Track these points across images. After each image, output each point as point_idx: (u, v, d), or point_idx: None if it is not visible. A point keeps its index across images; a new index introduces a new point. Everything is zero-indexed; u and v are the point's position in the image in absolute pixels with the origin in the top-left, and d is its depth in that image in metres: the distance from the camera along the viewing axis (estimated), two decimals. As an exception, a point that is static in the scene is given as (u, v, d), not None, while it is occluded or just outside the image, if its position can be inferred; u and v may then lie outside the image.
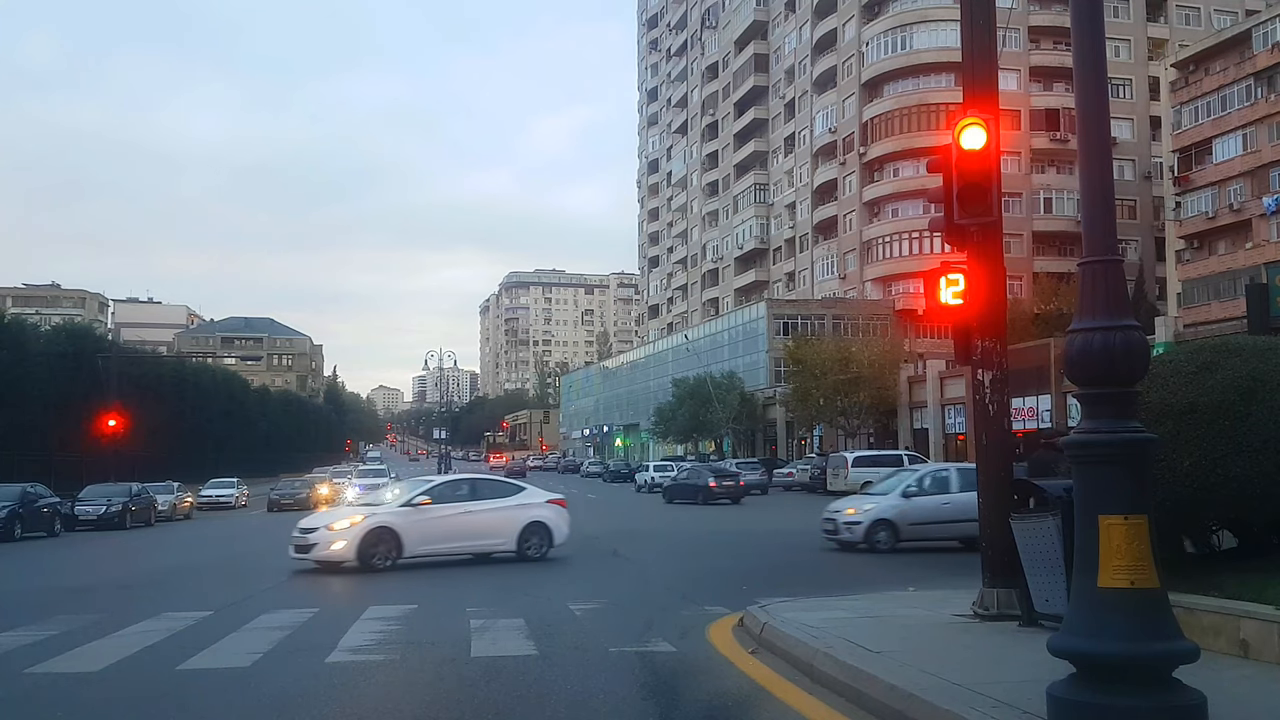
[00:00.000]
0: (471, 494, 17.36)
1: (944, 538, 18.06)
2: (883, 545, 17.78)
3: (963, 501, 17.60)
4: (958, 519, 17.69)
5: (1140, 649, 4.61)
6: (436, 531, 16.20)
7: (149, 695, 7.30)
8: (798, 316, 70.06)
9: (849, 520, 18.36)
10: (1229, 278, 51.85)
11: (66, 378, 45.92)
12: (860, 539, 18.06)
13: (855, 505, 18.91)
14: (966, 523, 17.31)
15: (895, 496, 18.58)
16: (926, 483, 18.85)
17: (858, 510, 18.52)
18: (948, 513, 17.98)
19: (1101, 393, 4.96)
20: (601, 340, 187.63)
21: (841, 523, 18.45)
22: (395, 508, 16.42)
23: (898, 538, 18.00)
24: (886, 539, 17.91)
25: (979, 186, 7.98)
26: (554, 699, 6.82)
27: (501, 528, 16.78)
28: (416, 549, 16.07)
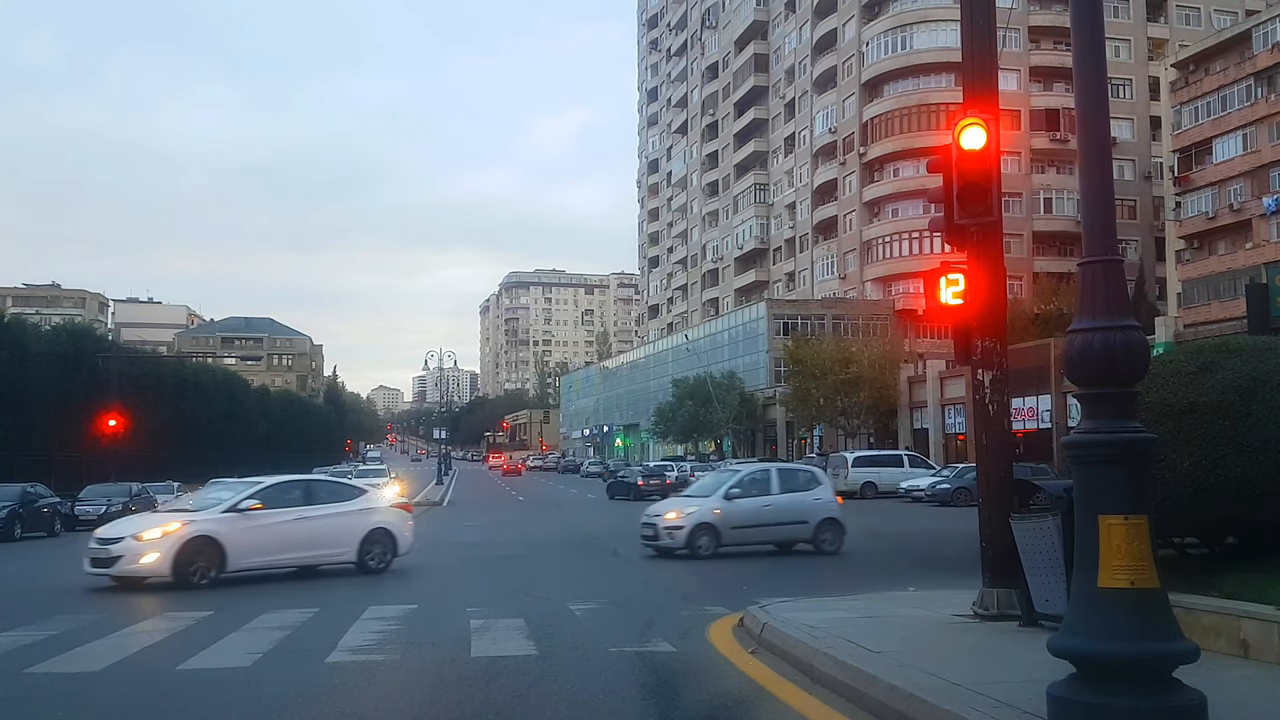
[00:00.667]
0: (306, 497, 15.43)
1: (763, 541, 17.72)
2: (704, 551, 16.96)
3: (783, 504, 17.88)
4: (778, 521, 17.74)
5: (1140, 649, 4.61)
6: (267, 541, 14.40)
7: (149, 695, 7.30)
8: (798, 316, 70.07)
9: (670, 525, 17.41)
10: (1229, 278, 51.84)
11: (66, 378, 45.89)
12: (681, 544, 17.14)
13: (677, 508, 18.08)
14: (786, 525, 17.79)
15: (718, 499, 17.78)
16: (747, 484, 18.21)
17: (680, 514, 17.67)
18: (768, 515, 17.68)
19: (1101, 393, 4.96)
20: (601, 340, 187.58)
21: (662, 528, 17.44)
22: (218, 514, 14.33)
23: (719, 542, 17.23)
24: (708, 544, 17.10)
25: (979, 186, 7.98)
26: (554, 699, 6.82)
27: (341, 536, 15.11)
28: (243, 561, 14.17)
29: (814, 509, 18.11)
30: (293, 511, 14.92)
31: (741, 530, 17.51)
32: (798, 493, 18.28)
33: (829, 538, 17.87)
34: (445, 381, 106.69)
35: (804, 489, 18.54)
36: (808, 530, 17.85)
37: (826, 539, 17.85)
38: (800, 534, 17.89)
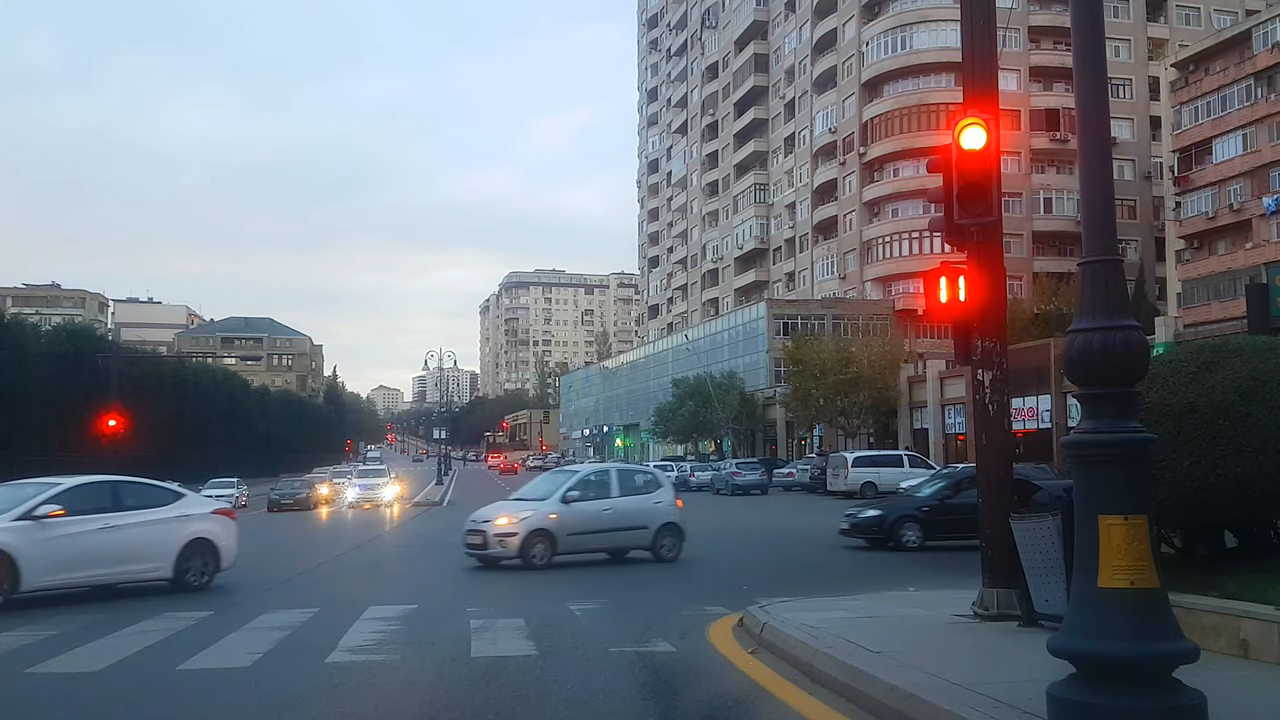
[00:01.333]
0: (114, 502, 13.22)
1: (599, 549, 16.69)
2: (539, 561, 15.70)
3: (624, 508, 16.75)
4: (618, 527, 16.62)
5: (1140, 649, 4.61)
6: (68, 555, 12.21)
7: (149, 695, 7.30)
8: (798, 316, 70.07)
9: (502, 532, 15.99)
10: (1229, 278, 51.82)
11: (66, 378, 45.94)
12: (514, 554, 15.82)
13: (510, 513, 16.55)
14: (626, 531, 16.72)
15: (554, 502, 16.46)
16: (586, 486, 17.10)
17: (513, 519, 16.18)
18: (608, 520, 16.56)
19: (1101, 393, 4.96)
20: (601, 340, 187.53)
21: (493, 535, 16.02)
22: (9, 522, 11.94)
23: (555, 550, 15.96)
24: (543, 553, 15.83)
25: (979, 186, 7.97)
26: (554, 699, 6.82)
27: (155, 548, 13.16)
28: (41, 580, 12.01)
29: (655, 513, 17.05)
30: (99, 519, 12.74)
31: (579, 537, 16.29)
32: (638, 495, 17.25)
33: (668, 544, 16.84)
34: (445, 381, 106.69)
35: (645, 491, 17.48)
36: (647, 536, 16.82)
37: (665, 545, 16.80)
38: (639, 540, 16.85)
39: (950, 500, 18.72)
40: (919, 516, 18.61)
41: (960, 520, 18.06)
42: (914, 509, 18.90)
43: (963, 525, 18.14)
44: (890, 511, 19.01)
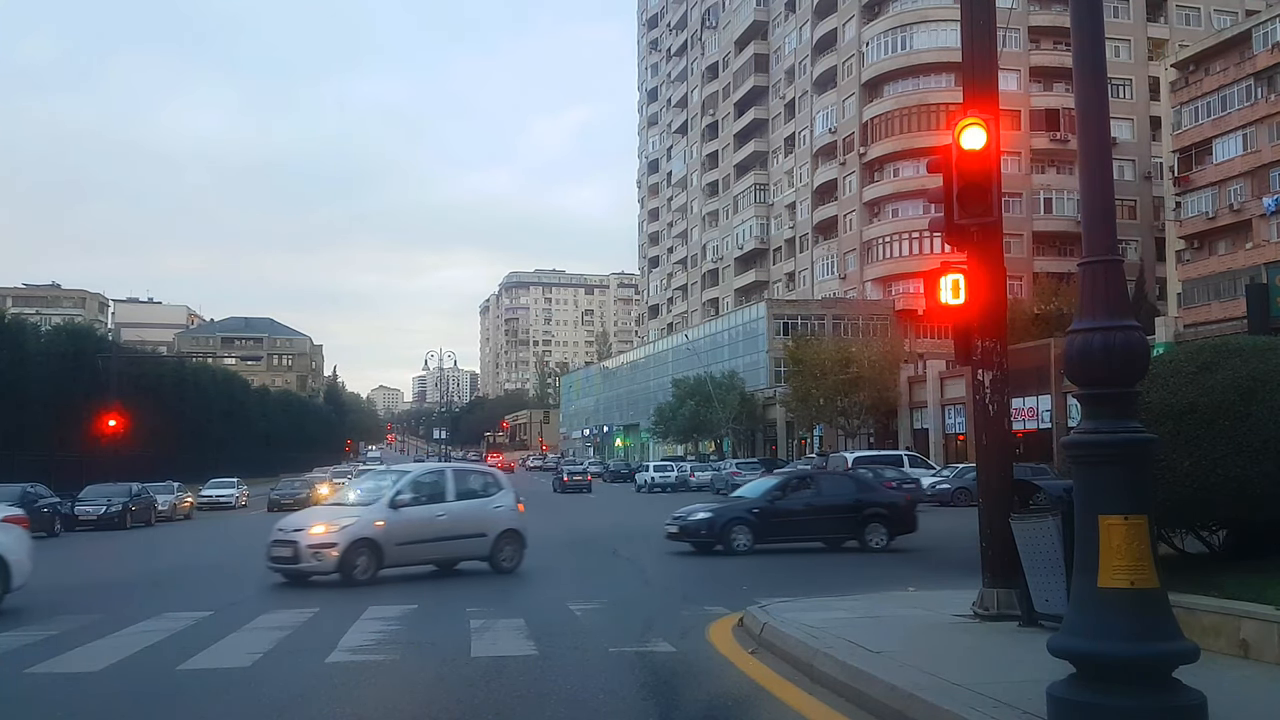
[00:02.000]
0: None
1: (431, 560, 15.06)
2: (361, 575, 13.71)
3: (460, 513, 15.12)
4: (453, 535, 14.93)
5: (1140, 649, 4.61)
6: None
7: (149, 695, 7.30)
8: (798, 316, 70.09)
9: (318, 543, 13.83)
10: (1229, 278, 51.84)
11: (66, 378, 45.94)
12: (333, 568, 13.71)
13: (327, 520, 14.40)
14: (462, 540, 15.02)
15: (381, 508, 14.49)
16: (417, 488, 15.15)
17: (332, 527, 14.05)
18: (443, 527, 14.82)
19: (1101, 393, 4.96)
20: (601, 340, 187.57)
21: (306, 546, 13.80)
22: None
23: (381, 563, 14.07)
24: (367, 566, 13.87)
25: (979, 186, 7.98)
26: (554, 699, 6.82)
27: None
28: None
29: (494, 519, 15.46)
30: None
31: (410, 547, 14.46)
32: (476, 499, 15.58)
33: (508, 553, 15.39)
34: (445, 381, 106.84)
35: (483, 494, 15.81)
36: (485, 545, 15.25)
37: (505, 555, 15.34)
38: (476, 550, 15.30)
39: (780, 502, 18.59)
40: (749, 519, 18.15)
41: (791, 523, 18.33)
42: (745, 511, 18.42)
43: (793, 528, 18.34)
44: (720, 514, 18.44)
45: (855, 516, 18.55)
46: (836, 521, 18.50)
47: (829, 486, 19.96)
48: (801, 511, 18.58)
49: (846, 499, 18.95)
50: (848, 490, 19.60)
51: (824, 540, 18.43)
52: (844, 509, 18.62)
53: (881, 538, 18.47)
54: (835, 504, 18.74)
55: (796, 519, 18.45)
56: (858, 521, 18.50)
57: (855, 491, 19.53)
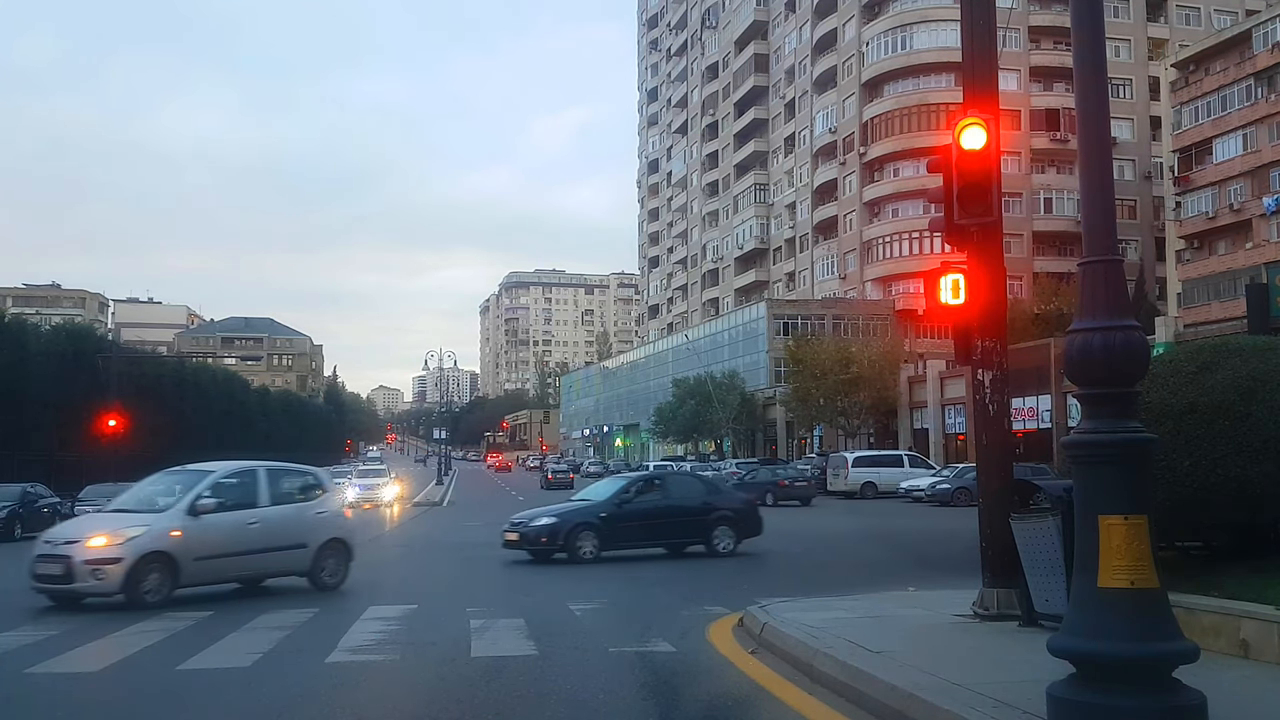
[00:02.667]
0: None
1: (238, 576, 12.92)
2: (153, 597, 11.51)
3: (275, 519, 12.92)
4: (266, 546, 12.75)
5: (1140, 649, 4.60)
6: None
7: (149, 695, 7.30)
8: (798, 316, 70.09)
9: (98, 557, 11.50)
10: (1229, 278, 51.83)
11: (66, 378, 45.89)
12: (116, 588, 11.43)
13: (109, 530, 11.99)
14: (277, 552, 12.90)
15: (178, 514, 12.18)
16: (224, 491, 12.75)
17: (115, 538, 11.70)
18: (254, 537, 12.62)
19: (1102, 393, 4.96)
20: (601, 340, 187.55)
21: (82, 562, 11.47)
22: None
23: (176, 581, 11.84)
24: (159, 585, 11.65)
25: (979, 186, 7.98)
26: (554, 699, 6.82)
27: None
28: None
29: (316, 527, 13.41)
30: None
31: (213, 562, 12.28)
32: (295, 504, 13.53)
33: (331, 567, 13.34)
34: (445, 381, 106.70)
35: (303, 498, 13.79)
36: (306, 558, 13.13)
37: (328, 569, 13.27)
38: (295, 563, 13.17)
39: (628, 505, 17.66)
40: (596, 524, 17.00)
41: (639, 528, 17.29)
42: (592, 516, 17.21)
43: (641, 533, 17.33)
44: (566, 519, 17.12)
45: (704, 520, 17.75)
46: (685, 525, 17.68)
47: (678, 488, 19.20)
48: (650, 515, 17.68)
49: (695, 501, 18.26)
50: (696, 492, 18.92)
51: (669, 545, 17.66)
52: (693, 512, 17.85)
53: (729, 542, 17.68)
54: (684, 507, 17.97)
55: (645, 523, 17.47)
56: (706, 525, 17.70)
57: (704, 493, 18.86)
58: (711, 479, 21.92)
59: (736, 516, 18.17)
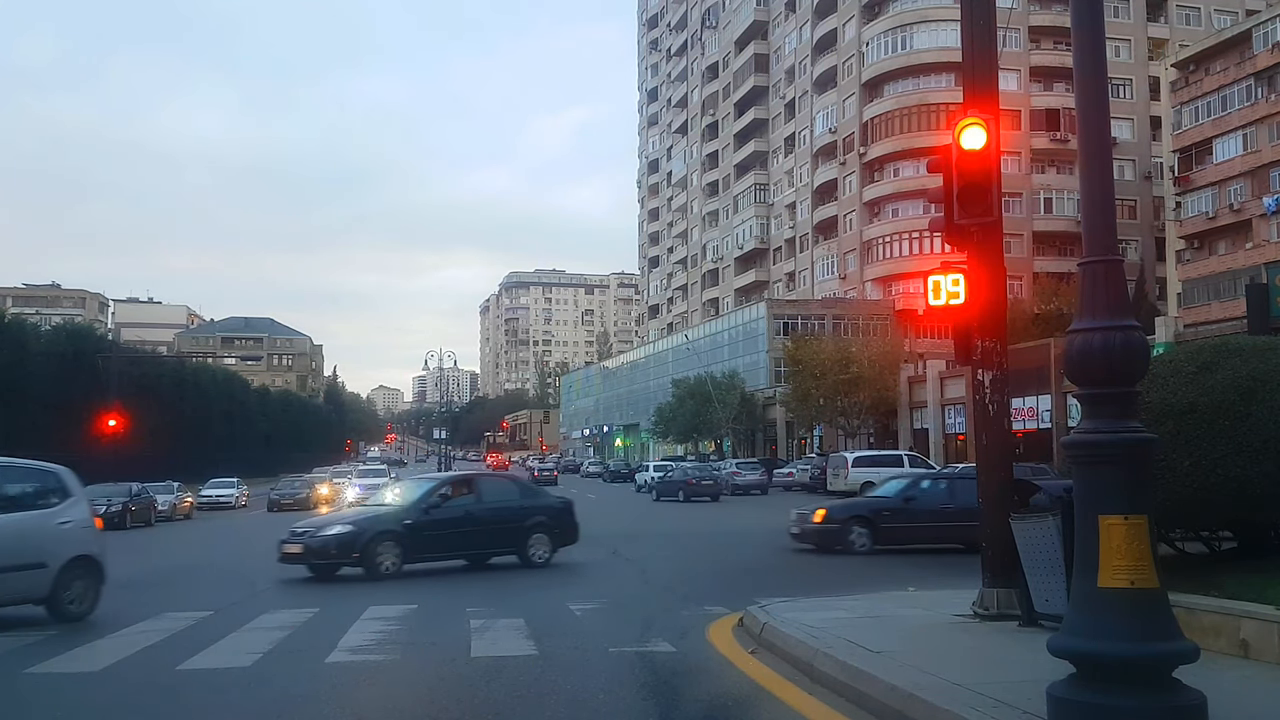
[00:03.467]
0: None
1: None
2: None
3: None
4: None
5: (1140, 649, 4.61)
6: None
7: (149, 695, 7.30)
8: (798, 316, 70.09)
9: None
10: (1229, 278, 51.86)
11: (66, 378, 45.94)
12: None
13: None
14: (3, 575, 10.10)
15: None
16: None
17: None
18: None
19: (1102, 393, 4.96)
20: (601, 340, 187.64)
21: None
22: None
23: None
24: None
25: (979, 186, 7.98)
26: (554, 699, 6.82)
27: None
28: None
29: (58, 542, 10.76)
30: None
31: None
32: (26, 511, 10.71)
33: (77, 590, 10.78)
34: (445, 381, 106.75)
35: (38, 504, 10.92)
36: (45, 581, 10.48)
37: (73, 593, 10.73)
38: (30, 588, 10.45)
39: (437, 511, 15.65)
40: (399, 533, 15.10)
41: (448, 536, 15.40)
42: (395, 523, 15.24)
43: (450, 542, 15.43)
44: (365, 528, 15.10)
45: (519, 526, 16.19)
46: (499, 533, 16.02)
47: (491, 492, 17.08)
48: (461, 521, 15.73)
49: (511, 506, 16.60)
50: (512, 496, 17.17)
51: (472, 556, 15.95)
52: (508, 518, 16.25)
53: (545, 551, 16.21)
54: (499, 512, 16.27)
55: (455, 531, 15.59)
56: (522, 532, 16.13)
57: (519, 497, 17.21)
58: (527, 482, 18.95)
59: (554, 523, 16.65)
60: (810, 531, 18.09)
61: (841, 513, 18.18)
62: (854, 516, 17.84)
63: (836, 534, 17.60)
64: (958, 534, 16.20)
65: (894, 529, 17.57)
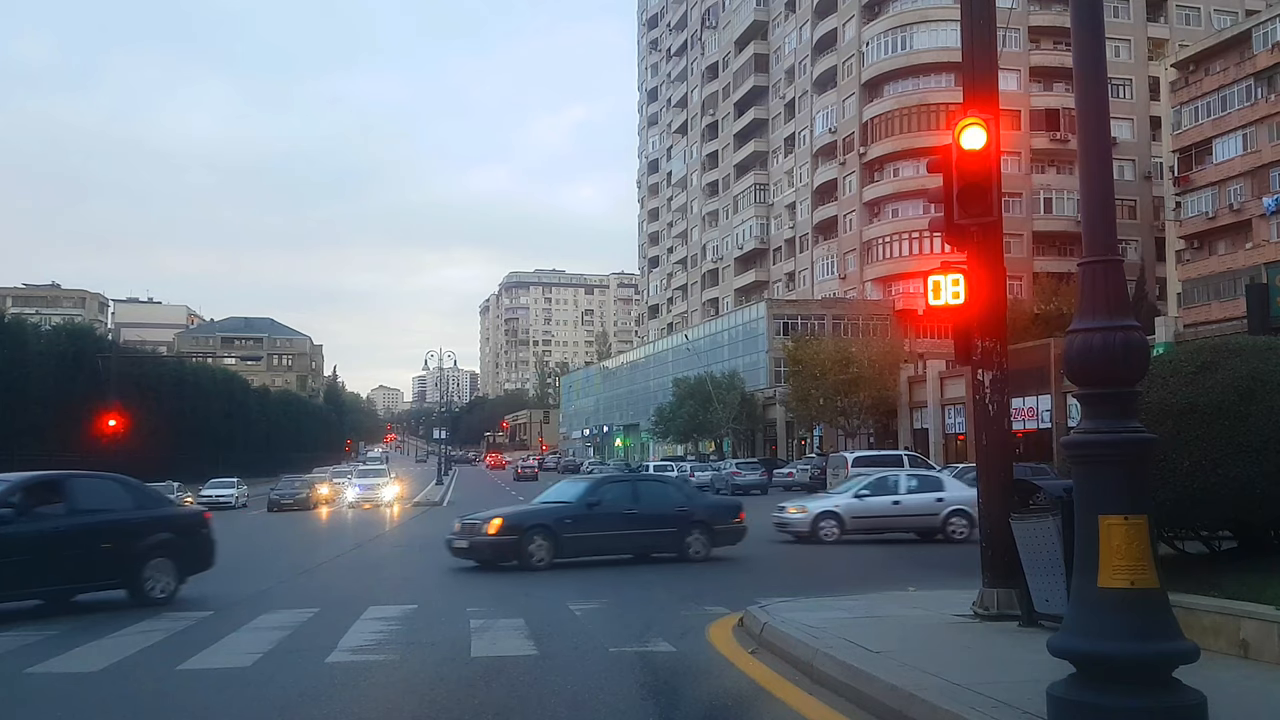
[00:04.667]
0: None
1: None
2: None
3: None
4: None
5: (1140, 649, 4.61)
6: None
7: (149, 695, 7.31)
8: (798, 317, 70.06)
9: None
10: (1229, 278, 51.86)
11: (66, 378, 45.98)
12: None
13: None
14: None
15: None
16: None
17: None
18: None
19: (1102, 393, 4.96)
20: (601, 340, 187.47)
21: None
22: None
23: None
24: None
25: (979, 186, 7.98)
26: (554, 699, 6.82)
27: None
28: None
29: None
30: None
31: None
32: None
33: None
34: (445, 381, 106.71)
35: None
36: None
37: None
38: None
39: (11, 528, 10.78)
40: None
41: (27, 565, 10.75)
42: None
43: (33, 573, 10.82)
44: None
45: (135, 546, 11.87)
46: (96, 559, 11.46)
47: (88, 495, 11.94)
48: (44, 541, 11.05)
49: (120, 517, 12.03)
50: (121, 503, 12.34)
51: (51, 592, 11.37)
52: (118, 534, 11.76)
53: (169, 581, 12.17)
54: (99, 528, 11.61)
55: (38, 557, 10.99)
56: (138, 554, 11.84)
57: (132, 505, 12.46)
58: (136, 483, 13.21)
59: (183, 541, 12.68)
60: (481, 545, 15.87)
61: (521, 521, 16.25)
62: (535, 525, 15.94)
63: (514, 546, 15.65)
64: (641, 542, 16.35)
65: (577, 539, 16.01)
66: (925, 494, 20.75)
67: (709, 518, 16.93)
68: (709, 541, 16.48)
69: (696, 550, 16.37)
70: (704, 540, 16.45)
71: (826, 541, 19.74)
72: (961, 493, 20.20)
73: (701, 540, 16.44)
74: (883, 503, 20.51)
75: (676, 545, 16.37)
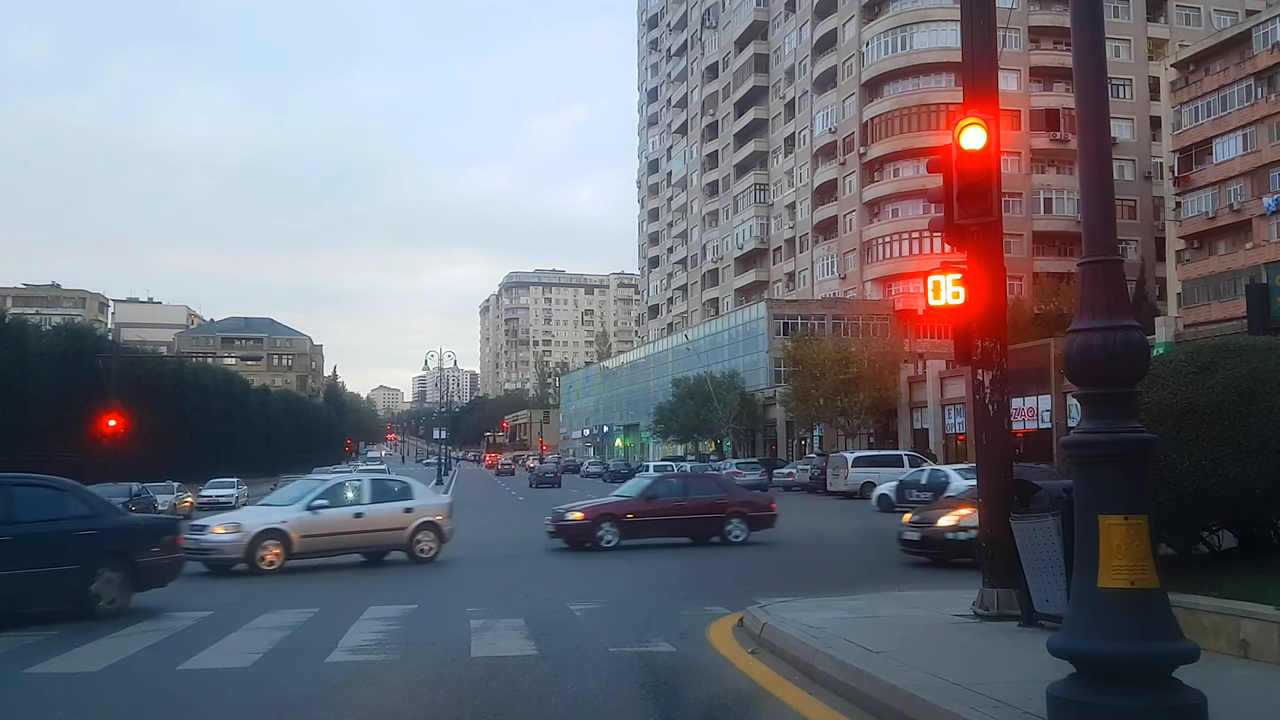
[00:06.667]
0: None
1: None
2: None
3: None
4: None
5: (1140, 649, 4.61)
6: None
7: (149, 695, 7.31)
8: (798, 316, 70.06)
9: None
10: (1229, 278, 51.84)
11: (66, 378, 45.94)
12: None
13: None
14: None
15: None
16: None
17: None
18: None
19: (1102, 393, 4.96)
20: (601, 340, 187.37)
21: None
22: None
23: None
24: None
25: (979, 186, 7.98)
26: (554, 699, 6.83)
27: None
28: None
29: None
30: None
31: None
32: None
33: None
34: (445, 381, 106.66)
35: None
36: None
37: None
38: None
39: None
40: None
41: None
42: None
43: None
44: None
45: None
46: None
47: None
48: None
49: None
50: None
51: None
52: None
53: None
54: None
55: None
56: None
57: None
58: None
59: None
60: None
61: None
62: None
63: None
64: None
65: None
66: (390, 504, 17.38)
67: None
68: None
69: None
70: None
71: (267, 571, 15.53)
72: (430, 501, 18.31)
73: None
74: (343, 515, 16.72)
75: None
